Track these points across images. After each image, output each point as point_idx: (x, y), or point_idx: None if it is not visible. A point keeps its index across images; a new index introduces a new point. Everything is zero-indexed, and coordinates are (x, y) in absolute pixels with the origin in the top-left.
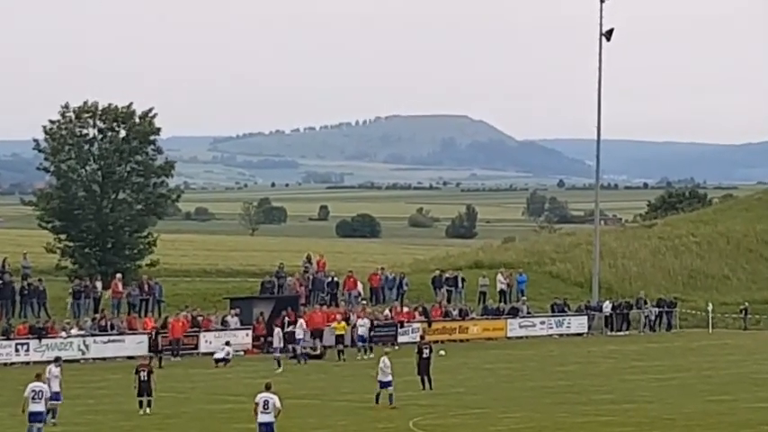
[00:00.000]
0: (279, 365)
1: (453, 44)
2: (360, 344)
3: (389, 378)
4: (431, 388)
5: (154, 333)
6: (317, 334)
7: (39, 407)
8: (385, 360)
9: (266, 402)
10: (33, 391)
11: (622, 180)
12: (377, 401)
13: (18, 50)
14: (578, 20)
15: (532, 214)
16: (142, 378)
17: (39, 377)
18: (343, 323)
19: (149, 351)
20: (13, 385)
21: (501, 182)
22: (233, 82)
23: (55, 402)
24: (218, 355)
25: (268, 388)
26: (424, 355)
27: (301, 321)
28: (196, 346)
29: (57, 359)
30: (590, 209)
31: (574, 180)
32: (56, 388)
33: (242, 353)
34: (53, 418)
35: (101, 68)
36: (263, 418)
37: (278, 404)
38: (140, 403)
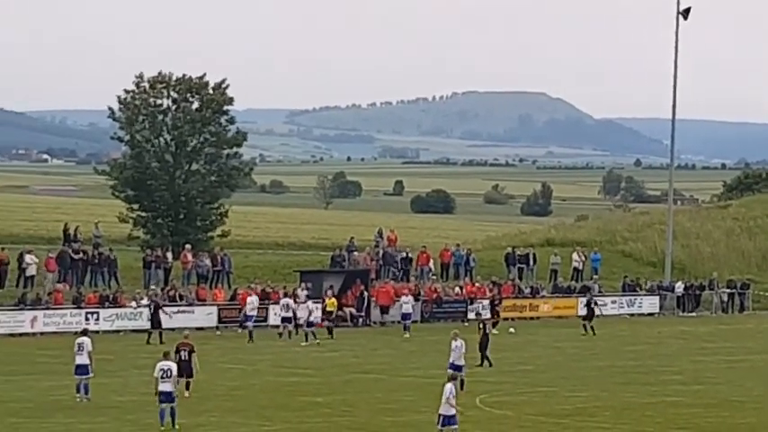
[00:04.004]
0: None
1: (532, 21)
2: (403, 322)
3: (462, 362)
4: (490, 365)
5: (153, 307)
6: (384, 309)
7: (167, 386)
8: (457, 342)
9: (450, 393)
10: (162, 370)
11: (699, 160)
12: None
13: (95, 21)
14: None
15: (608, 193)
16: (183, 357)
17: (166, 356)
18: (333, 299)
19: (151, 327)
20: None
21: (577, 160)
22: (311, 56)
23: (86, 377)
24: (286, 314)
25: (452, 378)
26: (487, 331)
27: (252, 299)
28: (265, 319)
29: (84, 331)
30: (666, 188)
31: (651, 159)
32: (85, 361)
33: None
34: (86, 393)
35: (180, 40)
36: (442, 409)
37: (453, 393)
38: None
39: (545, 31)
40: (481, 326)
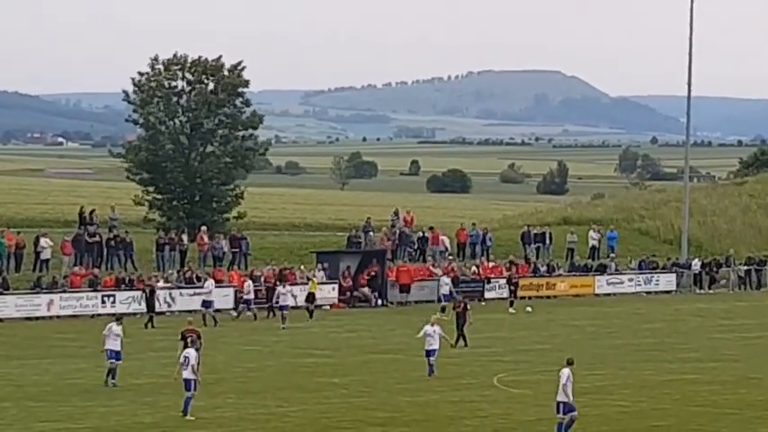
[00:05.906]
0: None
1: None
2: (441, 304)
3: (436, 346)
4: (465, 344)
5: (148, 291)
6: (404, 289)
7: (186, 374)
8: (433, 327)
9: (568, 379)
10: (185, 357)
11: (715, 137)
12: (430, 374)
13: (110, 3)
14: None
15: (625, 171)
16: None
17: (188, 343)
18: (315, 280)
19: (147, 311)
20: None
21: (593, 138)
22: (325, 36)
23: (115, 362)
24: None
25: (570, 363)
26: (467, 309)
27: (209, 282)
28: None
29: (119, 318)
30: (683, 166)
31: (667, 137)
32: (117, 347)
33: (328, 307)
34: (113, 378)
35: (193, 22)
36: (560, 396)
37: (571, 379)
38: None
39: (560, 9)
40: (460, 306)
